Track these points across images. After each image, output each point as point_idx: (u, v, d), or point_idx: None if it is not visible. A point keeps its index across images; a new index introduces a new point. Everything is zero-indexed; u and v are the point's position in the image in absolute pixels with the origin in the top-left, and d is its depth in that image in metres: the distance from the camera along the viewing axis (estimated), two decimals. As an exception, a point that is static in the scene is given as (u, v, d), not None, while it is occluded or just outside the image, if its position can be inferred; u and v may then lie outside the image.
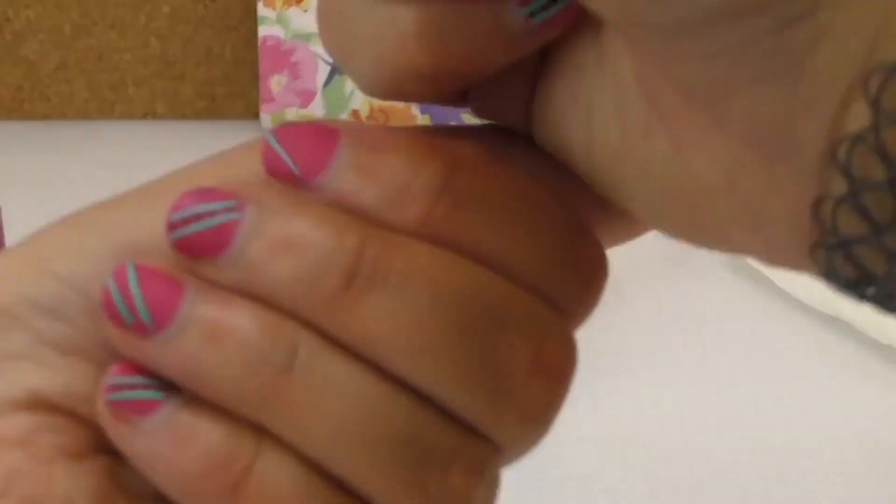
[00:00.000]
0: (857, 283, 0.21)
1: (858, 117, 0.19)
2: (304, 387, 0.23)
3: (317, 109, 1.05)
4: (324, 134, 0.24)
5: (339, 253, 0.23)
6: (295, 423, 0.23)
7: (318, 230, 0.23)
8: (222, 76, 1.14)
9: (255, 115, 1.13)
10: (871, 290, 0.21)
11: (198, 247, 0.23)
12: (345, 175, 0.24)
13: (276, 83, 1.06)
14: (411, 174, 0.23)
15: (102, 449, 0.24)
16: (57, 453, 0.23)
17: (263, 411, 0.23)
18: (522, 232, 0.24)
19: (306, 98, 1.06)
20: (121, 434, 0.23)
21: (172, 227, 0.23)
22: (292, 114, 1.07)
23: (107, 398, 0.23)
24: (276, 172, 0.24)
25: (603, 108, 0.25)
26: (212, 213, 0.23)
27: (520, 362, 0.24)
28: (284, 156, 0.24)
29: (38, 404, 0.23)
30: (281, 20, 1.05)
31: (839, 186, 0.20)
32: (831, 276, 0.21)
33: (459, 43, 0.24)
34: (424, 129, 0.26)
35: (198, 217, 0.23)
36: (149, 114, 1.13)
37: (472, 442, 0.24)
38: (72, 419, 0.23)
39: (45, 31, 1.10)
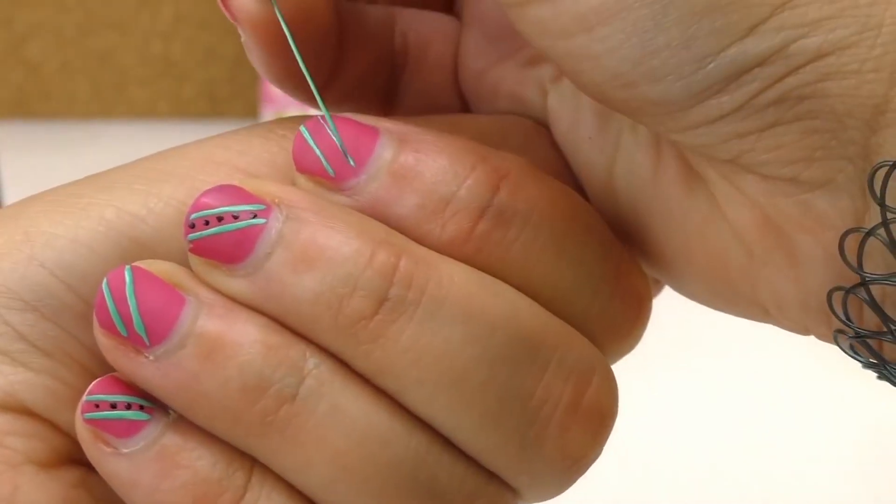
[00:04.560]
0: (872, 366, 0.21)
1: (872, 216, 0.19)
2: (308, 417, 0.20)
3: (317, 109, 1.05)
4: (362, 132, 0.22)
5: (368, 272, 0.20)
6: (293, 456, 0.20)
7: (349, 244, 0.20)
8: (223, 76, 1.14)
9: (256, 115, 1.13)
10: (884, 372, 0.21)
11: (215, 251, 0.21)
12: (382, 179, 0.21)
13: (276, 83, 1.06)
14: (455, 184, 0.21)
15: (76, 459, 0.22)
16: (25, 459, 0.21)
17: (259, 441, 0.20)
18: (569, 256, 0.22)
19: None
20: (99, 456, 0.21)
21: (191, 226, 0.21)
22: (293, 114, 1.08)
23: (85, 416, 0.21)
24: (308, 170, 0.22)
25: (636, 145, 0.24)
26: (235, 216, 0.21)
27: (557, 406, 0.21)
28: (318, 153, 0.22)
29: (13, 407, 0.21)
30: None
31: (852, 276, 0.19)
32: (852, 356, 0.21)
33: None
34: (467, 133, 0.23)
35: (219, 219, 0.21)
36: (151, 114, 1.14)
37: (490, 489, 0.22)
38: (47, 425, 0.21)
39: (47, 32, 1.11)
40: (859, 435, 0.66)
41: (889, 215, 0.19)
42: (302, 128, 0.22)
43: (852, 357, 0.21)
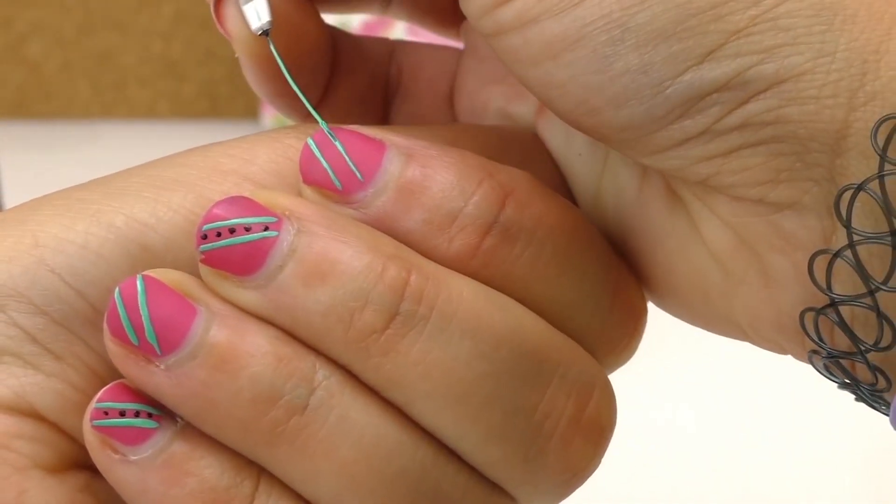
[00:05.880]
0: (847, 386, 0.21)
1: (838, 239, 0.19)
2: (317, 428, 0.20)
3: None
4: (369, 145, 0.22)
5: (380, 287, 0.20)
6: (301, 466, 0.21)
7: (360, 259, 0.21)
8: (223, 76, 1.14)
9: (256, 116, 1.13)
10: (859, 392, 0.21)
11: (227, 263, 0.21)
12: (389, 194, 0.21)
13: (276, 83, 1.06)
14: (462, 200, 0.21)
15: (81, 464, 0.22)
16: (32, 463, 0.21)
17: (268, 451, 0.21)
18: (572, 271, 0.22)
19: (307, 98, 1.06)
20: (107, 462, 0.21)
21: (203, 237, 0.21)
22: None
23: (94, 423, 0.21)
24: (315, 182, 0.22)
25: (622, 164, 0.24)
26: (247, 228, 0.21)
27: (560, 420, 0.22)
28: (326, 166, 0.22)
29: (22, 410, 0.21)
30: (282, 21, 1.05)
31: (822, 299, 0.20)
32: (827, 377, 0.21)
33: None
34: (469, 142, 0.24)
35: (231, 230, 0.21)
36: (151, 114, 1.14)
37: (492, 500, 0.22)
38: (54, 429, 0.21)
39: (47, 32, 1.11)
40: (860, 435, 0.66)
41: (855, 237, 0.19)
42: (309, 140, 0.22)
43: (827, 378, 0.21)
